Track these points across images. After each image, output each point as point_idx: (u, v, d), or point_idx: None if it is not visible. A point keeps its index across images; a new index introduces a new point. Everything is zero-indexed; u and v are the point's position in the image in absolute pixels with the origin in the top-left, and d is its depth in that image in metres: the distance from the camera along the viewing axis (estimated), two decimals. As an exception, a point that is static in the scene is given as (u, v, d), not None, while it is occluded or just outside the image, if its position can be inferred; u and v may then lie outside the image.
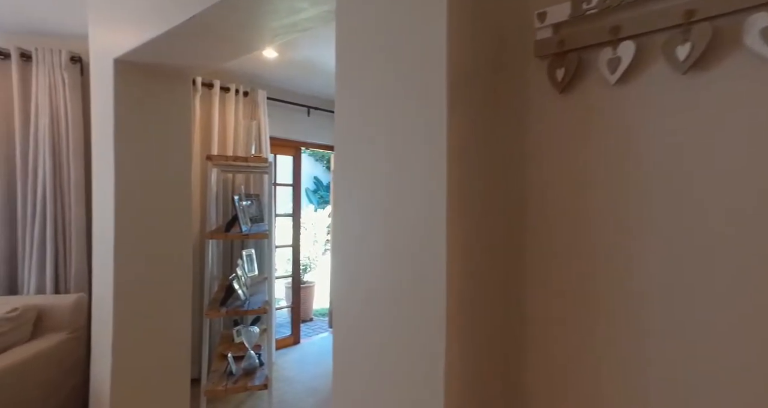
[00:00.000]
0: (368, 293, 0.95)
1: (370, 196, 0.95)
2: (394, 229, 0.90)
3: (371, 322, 0.94)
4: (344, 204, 1.01)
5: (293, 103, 3.75)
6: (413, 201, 0.86)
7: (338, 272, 1.02)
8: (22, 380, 2.01)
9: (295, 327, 3.97)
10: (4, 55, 2.49)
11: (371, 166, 0.95)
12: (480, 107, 0.92)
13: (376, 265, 0.93)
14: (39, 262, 2.52)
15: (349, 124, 1.01)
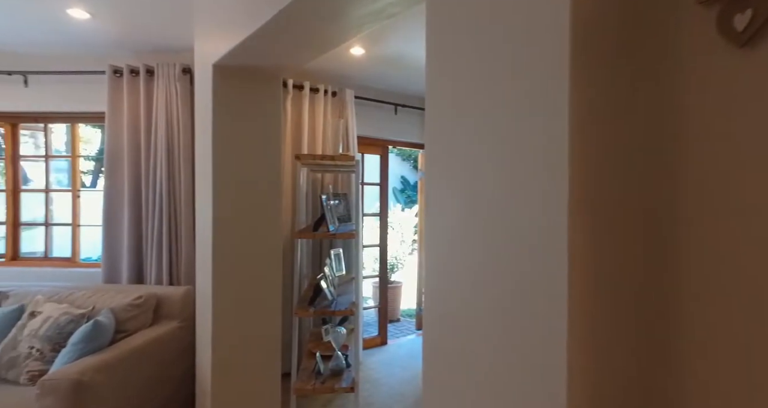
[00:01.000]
0: (464, 302, 0.80)
1: (468, 193, 0.79)
2: (499, 230, 0.73)
3: (468, 331, 0.79)
4: (437, 202, 0.87)
5: (380, 101, 3.71)
6: (524, 196, 0.69)
7: (431, 277, 0.88)
8: (147, 359, 2.21)
9: (382, 327, 3.93)
10: (135, 72, 2.79)
11: (469, 160, 0.79)
12: (613, 75, 0.71)
13: (474, 270, 0.78)
14: (157, 256, 2.78)
15: (442, 112, 0.86)
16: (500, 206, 0.74)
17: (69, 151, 3.33)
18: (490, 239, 0.75)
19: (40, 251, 3.27)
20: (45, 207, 3.23)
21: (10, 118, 3.09)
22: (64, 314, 2.21)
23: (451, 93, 0.84)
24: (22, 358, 2.10)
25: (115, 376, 1.99)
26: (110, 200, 2.85)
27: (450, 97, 0.84)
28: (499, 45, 0.74)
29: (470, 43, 0.79)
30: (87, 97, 2.94)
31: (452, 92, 0.84)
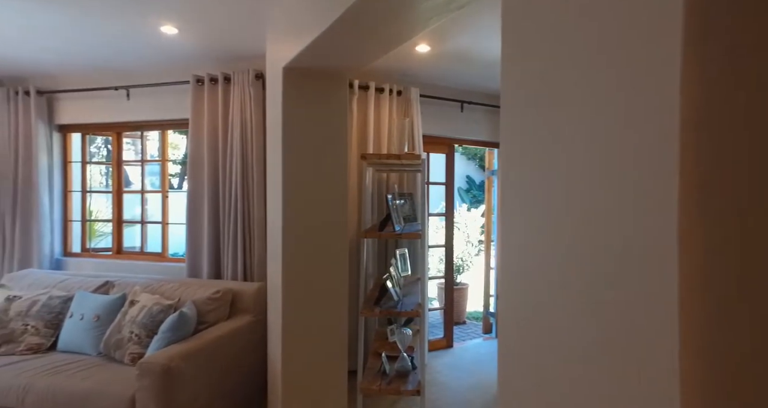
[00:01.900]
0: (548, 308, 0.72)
1: (553, 193, 0.72)
2: (593, 233, 0.65)
3: (553, 342, 0.71)
4: (515, 202, 0.80)
5: (446, 98, 3.63)
6: (625, 198, 0.61)
7: (507, 280, 0.81)
8: (224, 350, 2.36)
9: (447, 330, 3.85)
10: (214, 80, 3.00)
11: (557, 158, 0.72)
12: (733, 56, 0.60)
13: (562, 273, 0.70)
14: (233, 253, 2.96)
15: (521, 108, 0.79)
16: (597, 208, 0.65)
17: (161, 156, 3.66)
18: (582, 242, 0.67)
19: (138, 246, 3.63)
20: (141, 206, 3.58)
21: (116, 127, 3.47)
22: (156, 304, 2.43)
23: (533, 87, 0.77)
24: (125, 340, 2.34)
25: (197, 364, 2.14)
26: (192, 201, 3.08)
27: (531, 92, 0.77)
28: (594, 29, 0.66)
29: (558, 29, 0.72)
30: (174, 106, 3.21)
31: (534, 86, 0.77)
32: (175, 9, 2.25)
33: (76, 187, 3.63)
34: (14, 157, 3.36)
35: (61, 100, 3.46)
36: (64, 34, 2.62)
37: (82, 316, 2.52)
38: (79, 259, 3.49)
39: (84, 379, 2.12)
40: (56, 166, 3.50)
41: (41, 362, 2.31)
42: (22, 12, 2.30)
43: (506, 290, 0.82)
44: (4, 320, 2.51)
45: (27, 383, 2.10)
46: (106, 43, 2.74)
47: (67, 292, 2.71)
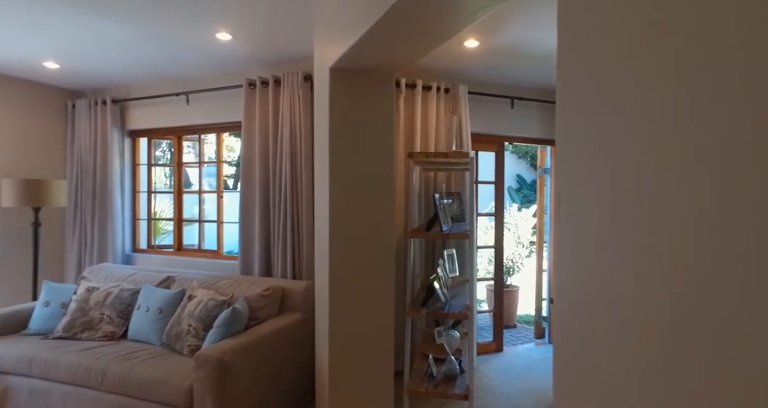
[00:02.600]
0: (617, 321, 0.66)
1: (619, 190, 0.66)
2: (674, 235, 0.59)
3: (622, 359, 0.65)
4: (576, 202, 0.74)
5: (495, 95, 3.52)
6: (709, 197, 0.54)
7: (566, 288, 0.76)
8: (274, 346, 2.43)
9: (497, 333, 3.73)
10: (265, 83, 3.11)
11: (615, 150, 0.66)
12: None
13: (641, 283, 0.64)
14: (282, 252, 3.05)
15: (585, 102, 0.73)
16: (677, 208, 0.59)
17: (217, 158, 3.84)
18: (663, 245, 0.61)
19: (196, 244, 3.85)
20: (199, 206, 3.79)
21: (177, 131, 3.70)
22: (211, 299, 2.55)
23: (592, 81, 0.71)
24: (184, 333, 2.47)
25: (248, 359, 2.22)
26: (245, 200, 3.20)
27: (591, 87, 0.71)
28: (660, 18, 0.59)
29: (622, 17, 0.65)
30: (229, 110, 3.36)
31: (593, 80, 0.71)
32: (230, 16, 2.34)
33: (143, 188, 3.90)
34: (93, 161, 3.67)
35: (131, 107, 3.74)
36: (133, 48, 2.82)
37: (148, 308, 2.70)
38: (145, 255, 3.75)
39: (150, 366, 2.27)
40: (127, 168, 3.78)
41: (115, 349, 2.50)
42: (96, 28, 2.50)
43: (565, 295, 0.76)
44: (86, 309, 2.74)
45: (104, 367, 2.29)
46: (168, 53, 2.92)
47: (135, 286, 2.92)
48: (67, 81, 3.64)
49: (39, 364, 2.42)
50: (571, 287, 0.74)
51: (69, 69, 3.30)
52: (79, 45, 2.80)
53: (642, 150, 0.61)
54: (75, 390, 2.33)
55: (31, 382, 2.44)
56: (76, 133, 3.75)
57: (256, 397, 2.26)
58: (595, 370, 0.69)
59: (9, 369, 2.49)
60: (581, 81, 0.72)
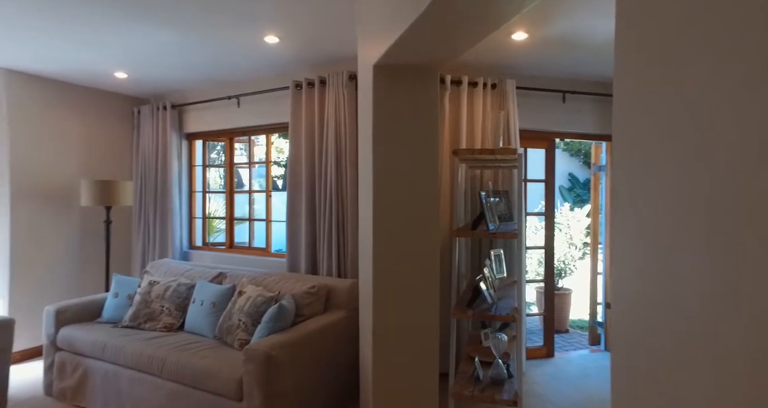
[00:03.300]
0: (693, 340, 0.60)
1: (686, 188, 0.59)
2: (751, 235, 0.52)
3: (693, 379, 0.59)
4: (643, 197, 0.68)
5: (545, 89, 3.36)
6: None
7: (625, 295, 0.69)
8: (319, 342, 2.47)
9: (547, 338, 3.57)
10: (311, 84, 3.18)
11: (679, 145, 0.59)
12: None
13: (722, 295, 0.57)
14: (328, 250, 3.09)
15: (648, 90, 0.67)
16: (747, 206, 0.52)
17: (266, 158, 3.98)
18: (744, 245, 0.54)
19: (247, 241, 4.00)
20: (249, 205, 3.94)
21: (229, 133, 3.87)
22: (259, 296, 2.63)
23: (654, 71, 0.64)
24: (234, 327, 2.57)
25: (294, 354, 2.26)
26: (292, 200, 3.28)
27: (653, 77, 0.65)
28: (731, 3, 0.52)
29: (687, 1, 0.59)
30: (276, 111, 3.46)
31: (655, 70, 0.64)
32: (278, 18, 2.41)
33: (199, 188, 4.12)
34: (155, 163, 3.93)
35: (188, 111, 3.96)
36: (189, 55, 2.98)
37: (202, 302, 2.83)
38: (200, 252, 3.95)
39: (203, 357, 2.38)
40: (184, 169, 4.01)
41: (173, 339, 2.65)
42: (157, 39, 2.67)
43: (624, 299, 0.70)
44: (148, 301, 2.93)
45: (164, 356, 2.43)
46: (220, 58, 3.06)
47: (191, 281, 3.08)
48: (133, 89, 3.91)
49: (110, 349, 2.62)
50: (631, 291, 0.68)
51: (135, 78, 3.55)
52: (143, 55, 3.00)
53: (719, 143, 0.54)
54: (139, 375, 2.50)
55: (104, 366, 2.65)
56: (140, 137, 4.03)
57: (302, 392, 2.30)
58: (659, 383, 0.63)
59: (87, 352, 2.72)
60: (643, 67, 0.66)
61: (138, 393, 2.49)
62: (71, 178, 3.73)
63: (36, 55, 3.04)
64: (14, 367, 2.88)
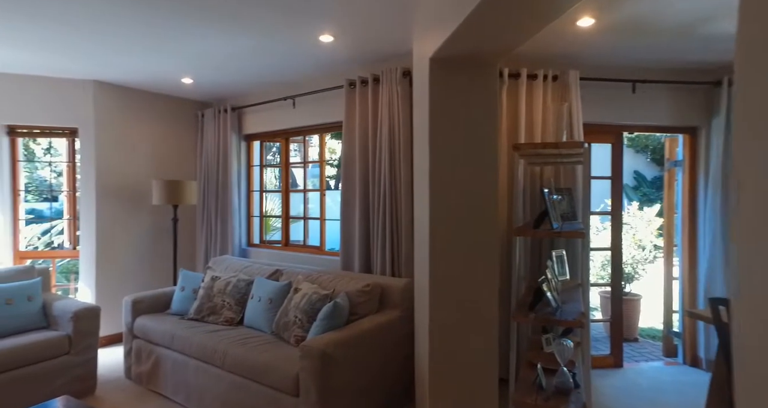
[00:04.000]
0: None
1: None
2: None
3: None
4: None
5: (613, 79, 3.13)
6: None
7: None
8: (374, 341, 2.45)
9: (615, 346, 3.31)
10: (364, 82, 3.17)
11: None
12: None
13: None
14: (381, 249, 3.07)
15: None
16: None
17: (319, 158, 4.04)
18: None
19: (301, 240, 4.08)
20: (304, 204, 4.02)
21: (285, 133, 3.97)
22: (314, 293, 2.66)
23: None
24: (291, 323, 2.62)
25: (349, 352, 2.26)
26: (346, 199, 3.30)
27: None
28: None
29: None
30: (330, 110, 3.50)
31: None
32: (333, 16, 2.42)
33: (256, 188, 4.27)
34: (216, 164, 4.12)
35: (246, 113, 4.12)
36: (248, 58, 3.09)
37: (260, 298, 2.92)
38: (258, 249, 4.09)
39: (262, 352, 2.44)
40: (243, 170, 4.17)
41: (234, 333, 2.75)
42: (219, 45, 2.79)
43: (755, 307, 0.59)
44: (211, 295, 3.07)
45: (226, 348, 2.53)
46: (277, 60, 3.14)
47: (250, 277, 3.18)
48: (198, 93, 4.13)
49: (178, 340, 2.77)
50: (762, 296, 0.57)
51: (200, 83, 3.75)
52: (207, 60, 3.15)
53: None
54: (204, 365, 2.62)
55: (173, 355, 2.80)
56: (204, 139, 4.25)
57: (357, 390, 2.29)
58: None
59: (158, 341, 2.90)
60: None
61: (203, 382, 2.60)
62: (144, 179, 4.01)
63: (118, 67, 3.30)
64: (100, 351, 3.14)
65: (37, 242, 6.44)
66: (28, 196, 7.29)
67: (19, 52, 3.01)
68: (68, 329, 2.80)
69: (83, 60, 3.17)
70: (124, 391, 2.93)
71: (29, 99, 3.58)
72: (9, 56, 3.10)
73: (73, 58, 3.12)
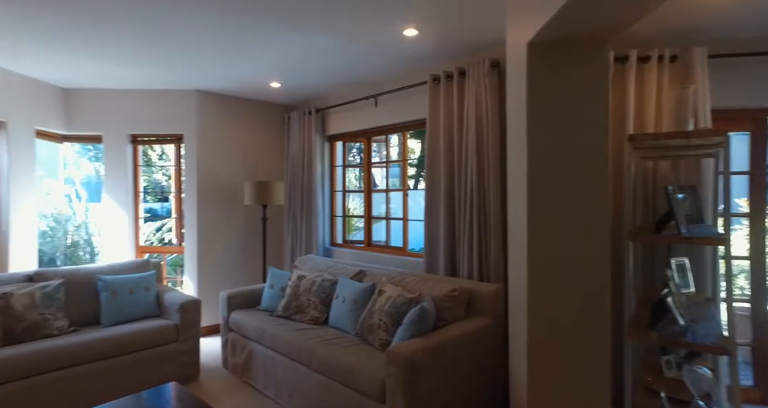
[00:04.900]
0: None
1: None
2: None
3: None
4: None
5: (750, 53, 2.60)
6: None
7: None
8: (462, 350, 2.30)
9: (760, 376, 2.76)
10: (449, 77, 3.02)
11: None
12: None
13: None
14: (468, 252, 2.89)
15: None
16: None
17: (400, 158, 3.96)
18: None
19: (383, 240, 4.04)
20: (386, 204, 3.97)
21: (367, 133, 3.96)
22: (399, 296, 2.57)
23: None
24: (375, 326, 2.56)
25: (437, 360, 2.13)
26: (430, 198, 3.16)
27: None
28: None
29: None
30: (413, 108, 3.40)
31: None
32: (417, 10, 2.31)
33: (339, 188, 4.32)
34: (302, 165, 4.25)
35: (330, 114, 4.19)
36: (331, 59, 3.11)
37: (344, 298, 2.91)
38: (340, 249, 4.13)
39: (348, 354, 2.41)
40: (326, 170, 4.25)
41: (320, 333, 2.77)
42: (304, 46, 2.82)
43: None
44: (297, 293, 3.15)
45: (312, 348, 2.55)
46: (360, 58, 3.11)
47: (334, 277, 3.20)
48: (284, 97, 4.30)
49: (267, 336, 2.86)
50: None
51: (286, 86, 3.88)
52: (294, 63, 3.22)
53: None
54: (292, 363, 2.67)
55: (264, 350, 2.91)
56: (290, 141, 4.41)
57: (444, 401, 2.15)
58: None
59: (250, 336, 3.04)
60: None
61: (292, 379, 2.65)
62: (237, 180, 4.27)
63: (215, 75, 3.54)
64: (201, 340, 3.39)
65: (152, 238, 7.24)
66: (146, 197, 8.26)
67: (138, 69, 3.34)
68: (176, 319, 3.04)
69: (187, 72, 3.43)
70: (222, 381, 3.11)
71: (146, 110, 3.99)
72: (130, 74, 3.46)
73: (178, 70, 3.40)
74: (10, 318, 2.61)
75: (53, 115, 3.81)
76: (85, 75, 3.51)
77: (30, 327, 2.66)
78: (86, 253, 7.02)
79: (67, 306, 2.93)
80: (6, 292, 2.68)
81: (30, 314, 2.68)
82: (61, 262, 6.69)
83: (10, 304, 2.64)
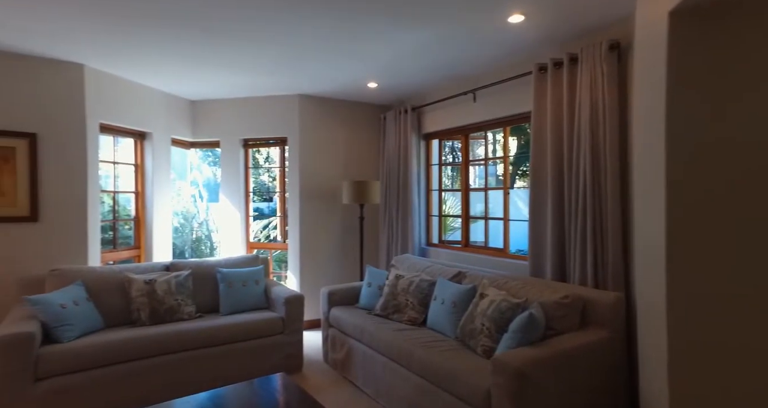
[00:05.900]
0: None
1: None
2: None
3: None
4: None
5: None
6: None
7: None
8: (576, 365, 2.08)
9: None
10: (558, 65, 2.76)
11: None
12: None
13: None
14: (581, 255, 2.61)
15: None
16: None
17: (497, 155, 3.74)
18: None
19: (481, 241, 3.87)
20: (484, 204, 3.79)
21: (465, 130, 3.82)
22: (503, 301, 2.41)
23: None
24: (477, 331, 2.44)
25: (549, 374, 1.94)
26: (535, 197, 2.93)
27: None
28: None
29: None
30: (515, 101, 3.19)
31: None
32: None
33: (434, 187, 4.24)
34: (397, 164, 4.26)
35: (425, 112, 4.14)
36: (429, 54, 3.04)
37: (443, 300, 2.82)
38: (436, 249, 4.05)
39: (448, 359, 2.32)
40: (422, 169, 4.20)
41: (418, 334, 2.72)
42: (403, 42, 2.80)
43: None
44: (395, 293, 3.14)
45: (411, 349, 2.51)
46: (459, 51, 2.99)
47: (432, 278, 3.13)
48: (380, 97, 4.35)
49: (367, 334, 2.90)
50: None
51: (383, 86, 3.92)
52: (392, 61, 3.22)
53: None
54: (391, 363, 2.66)
55: (363, 348, 2.96)
56: (386, 140, 4.45)
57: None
58: None
59: (349, 333, 3.11)
60: None
61: (390, 380, 2.65)
62: (336, 180, 4.43)
63: (317, 79, 3.70)
64: (304, 334, 3.58)
65: (260, 235, 7.90)
66: (254, 196, 9.05)
67: (249, 77, 3.64)
68: (282, 312, 3.24)
69: (291, 77, 3.63)
70: (323, 374, 3.24)
71: (255, 116, 4.34)
72: (243, 81, 3.78)
73: (284, 76, 3.61)
74: (154, 300, 3.02)
75: (183, 125, 4.33)
76: (207, 86, 3.91)
77: (169, 310, 3.04)
78: (207, 248, 7.93)
79: (194, 294, 3.29)
80: (152, 278, 3.11)
81: (168, 299, 3.06)
82: (189, 254, 7.63)
83: (155, 289, 3.05)
